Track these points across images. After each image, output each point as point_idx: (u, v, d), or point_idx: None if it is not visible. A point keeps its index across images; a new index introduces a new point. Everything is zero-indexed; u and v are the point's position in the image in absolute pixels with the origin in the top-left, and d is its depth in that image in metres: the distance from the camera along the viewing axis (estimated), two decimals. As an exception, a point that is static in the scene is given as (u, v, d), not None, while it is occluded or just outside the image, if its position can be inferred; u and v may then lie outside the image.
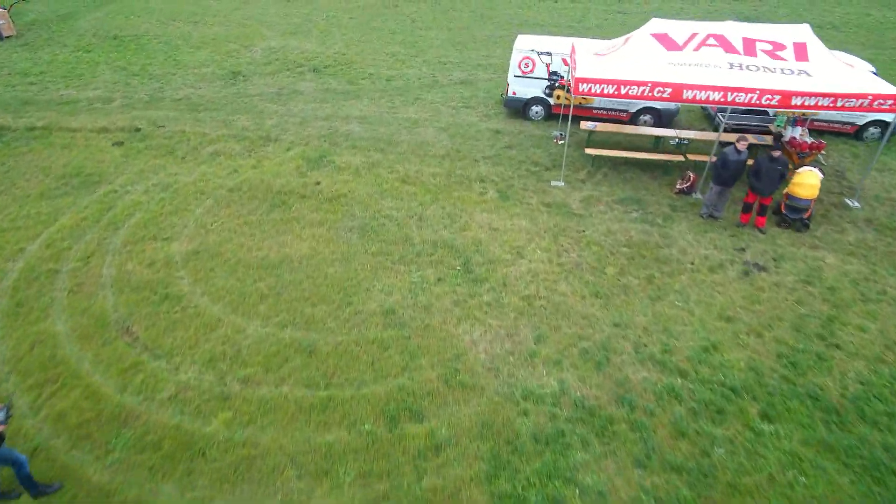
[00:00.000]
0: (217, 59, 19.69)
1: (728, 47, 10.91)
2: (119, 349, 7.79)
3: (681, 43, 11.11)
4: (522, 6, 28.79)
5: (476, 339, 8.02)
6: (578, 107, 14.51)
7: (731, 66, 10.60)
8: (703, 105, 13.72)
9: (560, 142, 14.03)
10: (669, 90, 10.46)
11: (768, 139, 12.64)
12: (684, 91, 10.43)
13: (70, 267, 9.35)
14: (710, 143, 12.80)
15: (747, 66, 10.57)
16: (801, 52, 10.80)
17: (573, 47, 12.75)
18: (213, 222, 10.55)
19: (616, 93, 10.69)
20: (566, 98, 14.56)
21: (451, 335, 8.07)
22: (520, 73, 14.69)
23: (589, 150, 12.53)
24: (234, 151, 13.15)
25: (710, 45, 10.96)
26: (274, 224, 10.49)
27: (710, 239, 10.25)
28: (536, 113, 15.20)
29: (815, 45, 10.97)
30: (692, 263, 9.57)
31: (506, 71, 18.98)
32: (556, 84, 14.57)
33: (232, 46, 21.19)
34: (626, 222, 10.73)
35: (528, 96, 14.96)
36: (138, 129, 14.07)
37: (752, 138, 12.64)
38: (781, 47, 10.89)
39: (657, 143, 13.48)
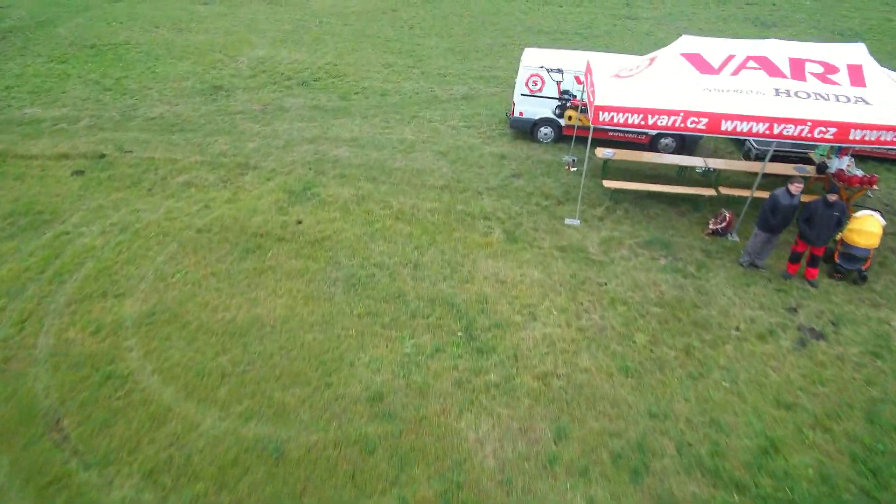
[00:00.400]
0: (199, 70, 18.15)
1: (772, 70, 9.36)
2: (44, 453, 6.28)
3: (716, 65, 9.57)
4: (526, 11, 27.25)
5: (482, 437, 6.52)
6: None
7: (777, 92, 9.08)
8: None
9: (573, 169, 12.52)
10: (705, 121, 8.95)
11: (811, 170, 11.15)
12: (722, 122, 8.91)
13: (0, 335, 7.87)
14: (744, 173, 11.28)
15: (796, 93, 9.04)
16: (856, 75, 9.28)
17: (588, 65, 11.24)
18: (176, 273, 9.05)
19: (643, 123, 9.18)
20: (579, 119, 13.05)
21: (452, 431, 6.57)
22: (527, 92, 13.17)
23: (607, 184, 10.99)
24: (207, 182, 11.63)
25: (751, 69, 9.41)
26: (246, 275, 8.99)
27: (755, 295, 8.75)
28: (546, 135, 13.68)
29: (871, 68, 9.42)
30: (737, 329, 8.06)
31: (510, 84, 17.46)
32: (568, 104, 13.06)
33: (216, 56, 19.65)
34: (653, 272, 9.24)
35: (537, 117, 13.43)
36: (103, 156, 12.55)
37: (789, 168, 11.17)
38: (834, 70, 9.36)
39: (682, 172, 12.00)
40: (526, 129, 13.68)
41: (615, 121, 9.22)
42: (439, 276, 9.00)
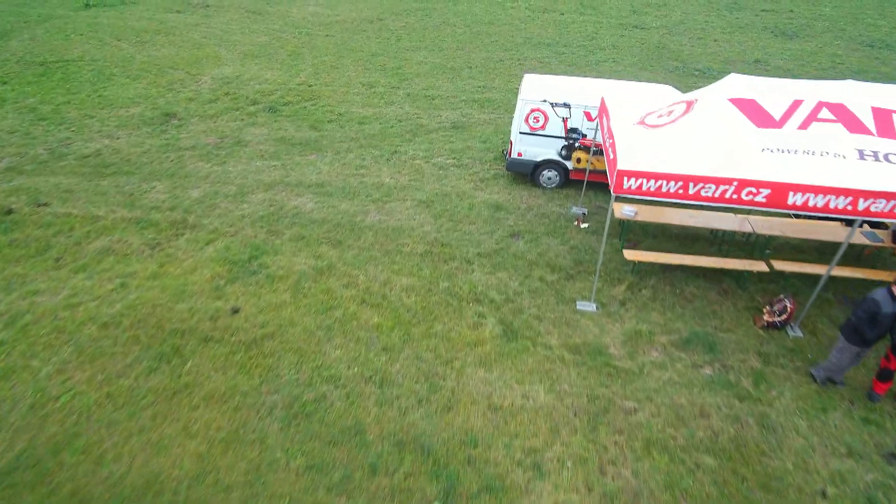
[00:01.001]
0: (152, 94, 15.76)
1: (852, 123, 6.93)
2: None
3: (778, 115, 7.14)
4: (525, 20, 24.87)
5: None
6: (603, 172, 10.72)
7: (862, 154, 6.71)
8: None
9: (583, 225, 10.21)
10: (766, 192, 6.62)
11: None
12: (790, 195, 6.61)
13: None
14: (811, 243, 8.98)
15: (886, 156, 6.77)
16: (964, 127, 7.01)
17: (603, 104, 8.94)
18: (62, 395, 6.74)
19: (681, 192, 6.90)
20: (590, 162, 10.74)
21: None
22: (527, 130, 10.84)
23: (629, 255, 8.68)
24: (130, 248, 9.29)
25: (824, 121, 7.06)
26: (153, 398, 6.68)
27: (837, 429, 6.44)
28: (549, 180, 11.34)
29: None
30: (824, 495, 5.79)
31: (507, 109, 15.12)
32: (577, 144, 10.76)
33: (176, 75, 17.27)
34: (697, 388, 6.93)
35: (539, 158, 11.10)
36: (9, 212, 10.17)
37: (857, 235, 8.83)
38: None
39: (717, 233, 9.70)
40: (526, 173, 11.36)
41: (645, 188, 6.92)
42: (412, 399, 6.68)
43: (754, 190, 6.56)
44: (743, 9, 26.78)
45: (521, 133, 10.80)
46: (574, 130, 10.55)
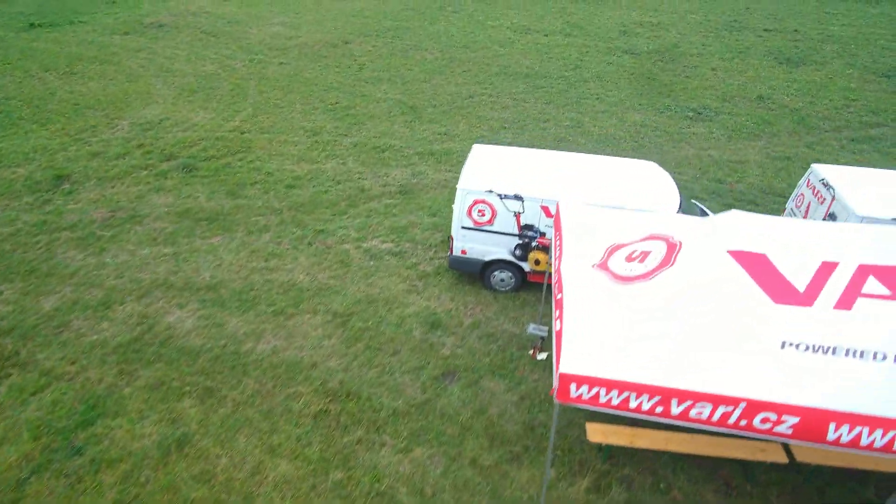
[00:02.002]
0: (54, 145, 13.22)
1: None
2: None
3: (802, 284, 4.60)
4: (505, 43, 22.23)
5: None
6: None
7: None
8: None
9: (540, 355, 7.73)
10: (794, 421, 4.14)
11: None
12: (831, 427, 4.17)
13: None
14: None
15: None
16: None
17: (558, 212, 6.47)
18: None
19: (661, 412, 4.42)
20: (550, 265, 8.28)
21: None
22: (471, 225, 8.40)
23: (594, 436, 6.19)
24: (-76, 405, 6.88)
25: (873, 296, 4.54)
26: None
27: None
28: (503, 282, 8.81)
29: None
30: None
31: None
32: (534, 244, 8.30)
33: (92, 118, 14.73)
34: None
35: (488, 258, 8.67)
36: None
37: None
38: None
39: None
40: (473, 273, 8.88)
41: (604, 401, 4.46)
42: None
43: (773, 416, 4.08)
44: (744, 28, 24.15)
45: (463, 228, 8.32)
46: (529, 227, 8.05)
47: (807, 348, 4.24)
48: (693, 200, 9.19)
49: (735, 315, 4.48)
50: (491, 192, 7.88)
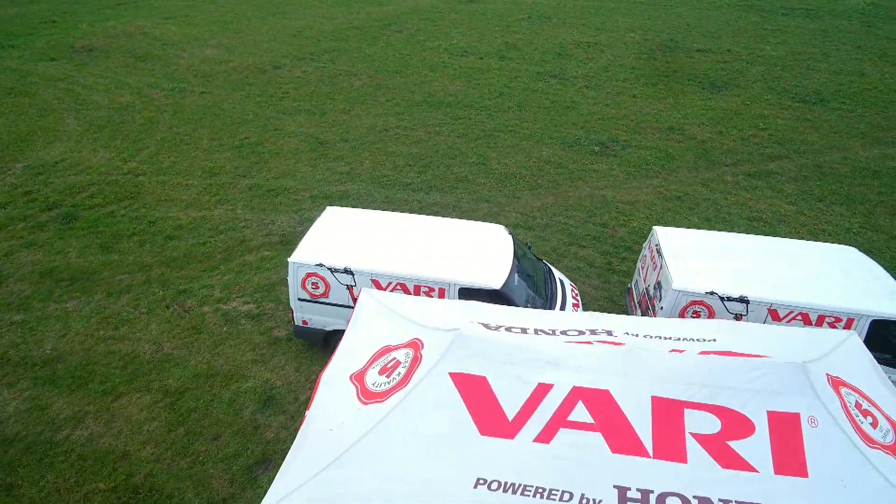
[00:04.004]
0: (-62, 193, 12.82)
1: (617, 430, 4.07)
2: None
3: (512, 412, 4.30)
4: (437, 67, 21.86)
5: None
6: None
7: (624, 498, 3.90)
8: None
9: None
10: None
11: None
12: None
13: None
14: None
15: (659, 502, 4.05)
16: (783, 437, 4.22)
17: (358, 305, 6.22)
18: None
19: None
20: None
21: None
22: (307, 297, 8.15)
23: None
24: None
25: (576, 426, 4.18)
26: None
27: None
28: (346, 351, 8.63)
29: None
30: None
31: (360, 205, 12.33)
32: (369, 316, 8.04)
33: (-13, 161, 14.31)
34: None
35: (329, 328, 8.40)
36: None
37: None
38: (745, 428, 4.25)
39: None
40: (317, 342, 8.62)
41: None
42: None
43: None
44: (677, 49, 24.01)
45: (300, 300, 8.06)
46: (363, 301, 7.83)
47: (498, 486, 4.04)
48: (545, 263, 8.99)
49: (441, 448, 4.27)
50: (321, 265, 7.63)
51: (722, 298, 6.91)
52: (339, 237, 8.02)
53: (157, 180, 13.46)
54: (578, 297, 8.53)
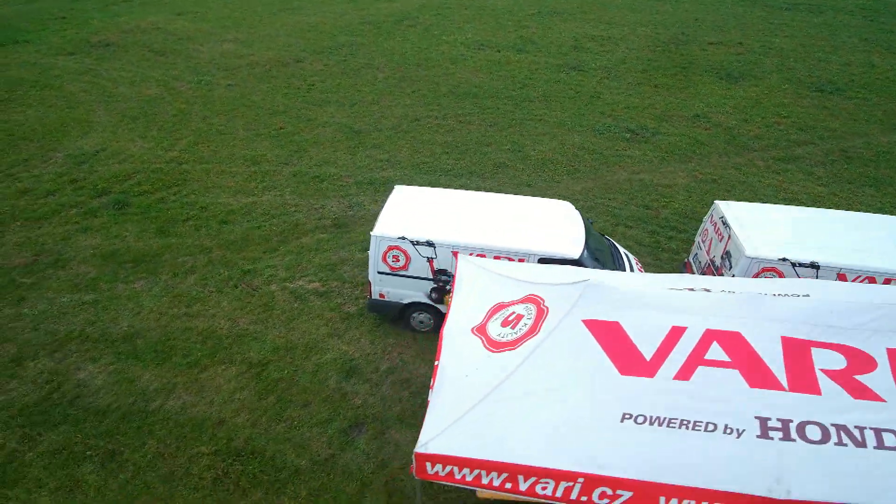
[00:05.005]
0: (-16, 181, 12.91)
1: (753, 367, 4.47)
2: None
3: (649, 353, 4.68)
4: (457, 60, 22.20)
5: None
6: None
7: (765, 427, 4.21)
8: None
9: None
10: (628, 495, 4.20)
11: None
12: (661, 501, 4.29)
13: None
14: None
15: (801, 428, 4.16)
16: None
17: (456, 267, 6.54)
18: None
19: (510, 487, 4.49)
20: (464, 308, 8.33)
21: None
22: (387, 270, 8.43)
23: (482, 494, 6.21)
24: None
25: (713, 363, 4.53)
26: None
27: None
28: (422, 323, 8.72)
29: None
30: None
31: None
32: (448, 287, 8.36)
33: (25, 151, 14.34)
34: None
35: (406, 301, 8.69)
36: None
37: None
38: (866, 364, 4.68)
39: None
40: (393, 314, 8.90)
41: (459, 478, 4.51)
42: None
43: (609, 491, 4.19)
44: (690, 42, 24.53)
45: (379, 273, 8.34)
46: (443, 272, 8.12)
47: (644, 420, 4.36)
48: (606, 237, 9.34)
49: (582, 388, 4.59)
50: (403, 238, 7.91)
51: (794, 264, 7.27)
52: (415, 212, 8.31)
53: (200, 168, 13.63)
54: (643, 270, 8.89)
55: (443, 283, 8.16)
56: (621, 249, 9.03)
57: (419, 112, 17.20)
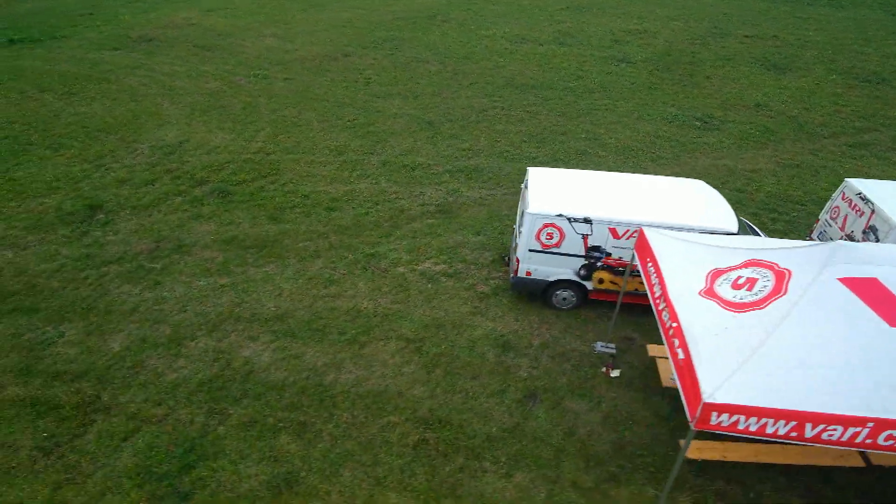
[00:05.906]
0: (76, 172, 12.90)
1: None
2: None
3: None
4: (503, 53, 22.54)
5: None
6: (630, 293, 8.66)
7: None
8: None
9: (613, 373, 8.07)
10: None
11: None
12: None
13: None
14: None
15: None
16: None
17: (644, 238, 6.82)
18: None
19: (796, 435, 4.79)
20: (612, 283, 8.65)
21: None
22: (538, 248, 8.68)
23: (690, 452, 6.52)
24: (16, 457, 6.73)
25: None
26: None
27: None
28: (565, 300, 9.10)
29: None
30: None
31: (499, 184, 12.82)
32: (599, 264, 8.65)
33: (108, 143, 14.38)
34: None
35: (552, 278, 8.96)
36: None
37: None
38: None
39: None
40: (535, 293, 9.16)
41: (742, 427, 4.81)
42: None
43: (897, 434, 4.53)
44: (726, 35, 25.12)
45: (531, 251, 8.59)
46: (596, 249, 8.40)
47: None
48: (742, 219, 9.68)
49: (853, 341, 4.90)
50: (561, 215, 8.17)
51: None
52: (565, 191, 8.56)
53: (289, 158, 13.78)
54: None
55: (594, 259, 8.44)
56: (748, 223, 9.39)
57: (484, 104, 17.46)
